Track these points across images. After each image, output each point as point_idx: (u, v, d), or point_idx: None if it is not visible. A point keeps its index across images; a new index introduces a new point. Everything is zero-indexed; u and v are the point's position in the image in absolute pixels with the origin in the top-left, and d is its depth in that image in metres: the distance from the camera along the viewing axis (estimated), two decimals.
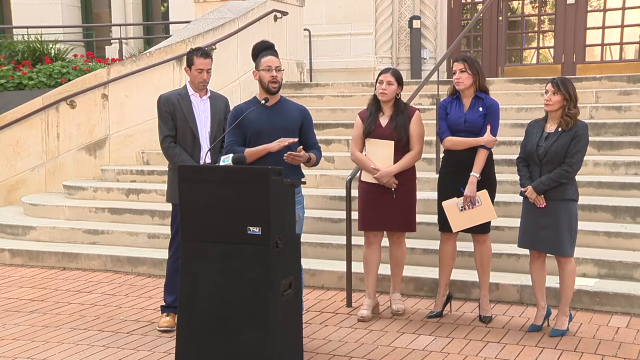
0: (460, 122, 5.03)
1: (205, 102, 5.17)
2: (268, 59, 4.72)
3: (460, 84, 5.02)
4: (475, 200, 4.96)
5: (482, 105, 5.03)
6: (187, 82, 5.20)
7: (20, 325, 5.35)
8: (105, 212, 7.79)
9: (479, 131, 5.00)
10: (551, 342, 4.72)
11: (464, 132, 5.02)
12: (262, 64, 4.71)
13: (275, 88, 4.70)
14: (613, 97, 8.41)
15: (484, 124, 5.00)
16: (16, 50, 11.30)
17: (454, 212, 5.00)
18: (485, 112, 5.01)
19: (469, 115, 5.03)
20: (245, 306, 3.84)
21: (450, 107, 5.11)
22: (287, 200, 4.01)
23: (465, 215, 4.98)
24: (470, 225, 5.01)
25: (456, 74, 5.04)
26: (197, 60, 5.06)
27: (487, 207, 4.97)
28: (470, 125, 5.01)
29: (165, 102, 5.12)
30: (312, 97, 9.82)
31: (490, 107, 5.03)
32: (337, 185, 7.43)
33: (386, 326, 5.12)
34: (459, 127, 5.04)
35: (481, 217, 4.99)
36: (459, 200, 4.98)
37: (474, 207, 4.97)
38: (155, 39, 14.22)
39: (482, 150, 4.98)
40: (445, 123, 5.10)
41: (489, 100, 5.06)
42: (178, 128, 5.11)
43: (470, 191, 4.95)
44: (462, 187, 4.98)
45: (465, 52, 12.82)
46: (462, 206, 4.98)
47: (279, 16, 10.32)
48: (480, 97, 5.05)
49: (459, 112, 5.06)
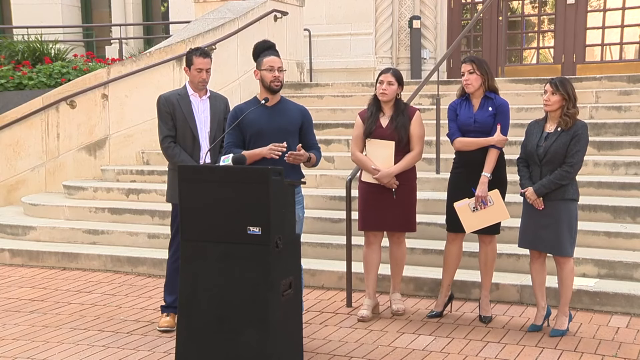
0: (470, 123, 5.02)
1: (205, 102, 5.17)
2: (270, 59, 4.71)
3: (469, 86, 5.01)
4: (487, 200, 4.94)
5: (491, 105, 5.02)
6: (187, 82, 5.21)
7: (20, 325, 5.35)
8: (105, 212, 7.79)
9: (489, 131, 4.98)
10: (551, 342, 4.72)
11: (474, 132, 5.00)
12: (264, 63, 4.70)
13: (277, 86, 4.70)
14: (613, 97, 8.41)
15: (494, 124, 4.98)
16: (16, 50, 11.30)
17: (466, 213, 4.97)
18: (495, 111, 5.00)
19: (479, 116, 5.01)
20: (245, 306, 3.84)
21: (460, 109, 5.09)
22: (287, 200, 4.01)
23: (478, 216, 4.96)
24: (483, 226, 4.98)
25: (464, 75, 5.02)
26: (196, 59, 5.06)
27: (499, 206, 4.95)
28: (480, 126, 5.00)
29: (164, 102, 5.12)
30: (312, 97, 9.82)
31: (500, 107, 5.01)
32: (337, 185, 7.43)
33: (386, 326, 5.12)
34: (469, 128, 5.02)
35: (494, 217, 4.97)
36: (471, 201, 4.96)
37: (486, 207, 4.95)
38: (155, 39, 14.22)
39: (492, 150, 4.96)
40: (455, 124, 5.08)
41: (499, 100, 5.04)
42: (178, 128, 5.10)
43: (482, 191, 4.94)
44: (473, 188, 4.97)
45: (465, 52, 12.83)
46: (474, 206, 4.96)
47: (279, 16, 10.32)
48: (489, 97, 5.04)
49: (468, 113, 5.05)
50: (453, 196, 5.09)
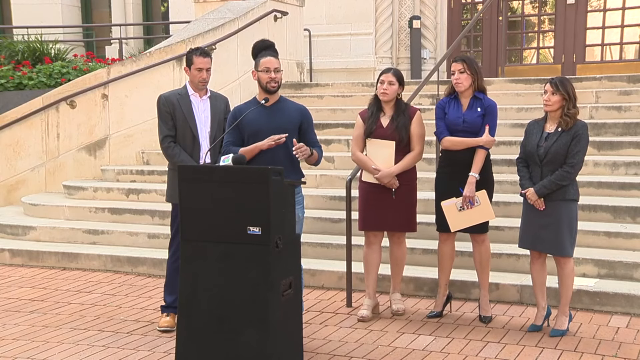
0: (459, 123, 5.02)
1: (205, 102, 5.17)
2: (267, 59, 4.71)
3: (459, 85, 5.02)
4: (474, 200, 4.96)
5: (480, 105, 5.03)
6: (187, 82, 5.21)
7: (20, 325, 5.35)
8: (105, 212, 7.79)
9: (477, 131, 5.00)
10: (551, 342, 4.72)
11: (462, 132, 5.01)
12: (261, 65, 4.71)
13: (274, 87, 4.71)
14: (613, 97, 8.41)
15: (482, 124, 5.00)
16: (16, 50, 11.30)
17: (452, 212, 5.00)
18: (484, 112, 5.01)
19: (468, 116, 5.02)
20: (245, 306, 3.84)
21: (449, 107, 5.11)
22: (287, 200, 4.01)
23: (464, 215, 4.98)
24: (468, 225, 5.01)
25: (455, 74, 5.03)
26: (197, 59, 5.07)
27: (485, 207, 4.98)
28: (469, 126, 5.01)
29: (165, 102, 5.12)
30: (312, 97, 9.82)
31: (488, 108, 5.03)
32: (337, 185, 7.43)
33: (386, 326, 5.12)
34: (457, 128, 5.03)
35: (480, 217, 4.99)
36: (458, 201, 4.98)
37: (472, 207, 4.97)
38: (155, 39, 14.22)
39: (480, 150, 4.98)
40: (443, 123, 5.09)
41: (487, 101, 5.05)
42: (178, 128, 5.11)
43: (470, 191, 4.96)
44: (460, 187, 4.98)
45: (465, 52, 12.82)
46: (460, 206, 4.98)
47: (279, 16, 10.32)
48: (478, 97, 5.05)
49: (457, 113, 5.06)
50: (441, 195, 5.10)
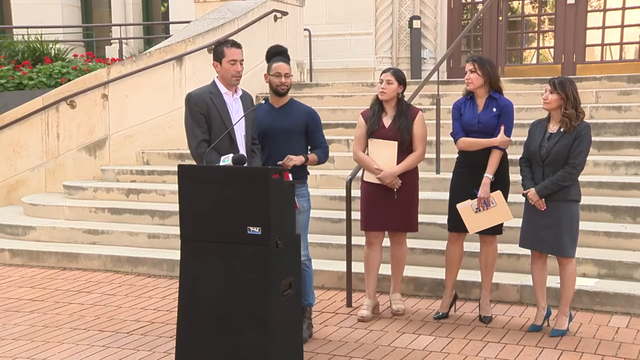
0: (474, 123, 5.01)
1: (237, 101, 4.68)
2: (279, 65, 4.86)
3: (470, 84, 5.02)
4: (490, 201, 4.94)
5: (495, 105, 5.01)
6: (216, 79, 4.67)
7: (20, 325, 5.35)
8: (105, 212, 7.79)
9: (492, 132, 4.97)
10: (551, 342, 4.72)
11: (477, 132, 5.00)
12: (273, 69, 4.87)
13: (283, 90, 4.86)
14: (613, 97, 8.41)
15: (497, 125, 4.97)
16: (16, 50, 11.29)
17: (469, 214, 4.97)
18: (499, 112, 4.99)
19: (483, 116, 5.01)
20: (245, 306, 3.84)
21: (464, 108, 5.09)
22: (287, 200, 4.01)
23: (481, 217, 4.95)
24: (486, 227, 4.98)
25: (467, 73, 5.04)
26: (228, 50, 4.57)
27: (502, 207, 4.95)
28: (484, 126, 4.99)
29: (197, 102, 4.54)
30: (312, 97, 9.80)
31: (504, 108, 5.00)
32: (337, 185, 7.42)
33: (386, 326, 5.12)
34: (472, 128, 5.02)
35: (497, 218, 4.97)
36: (473, 202, 4.96)
37: (488, 209, 4.95)
38: (155, 39, 14.21)
39: (495, 151, 4.95)
40: (459, 123, 5.08)
41: (503, 101, 5.03)
42: (212, 131, 4.54)
43: (484, 193, 4.93)
44: (475, 189, 4.96)
45: (465, 52, 12.82)
46: (476, 208, 4.96)
47: (279, 16, 10.31)
48: (494, 97, 5.03)
49: (472, 113, 5.04)
50: (456, 196, 5.09)
